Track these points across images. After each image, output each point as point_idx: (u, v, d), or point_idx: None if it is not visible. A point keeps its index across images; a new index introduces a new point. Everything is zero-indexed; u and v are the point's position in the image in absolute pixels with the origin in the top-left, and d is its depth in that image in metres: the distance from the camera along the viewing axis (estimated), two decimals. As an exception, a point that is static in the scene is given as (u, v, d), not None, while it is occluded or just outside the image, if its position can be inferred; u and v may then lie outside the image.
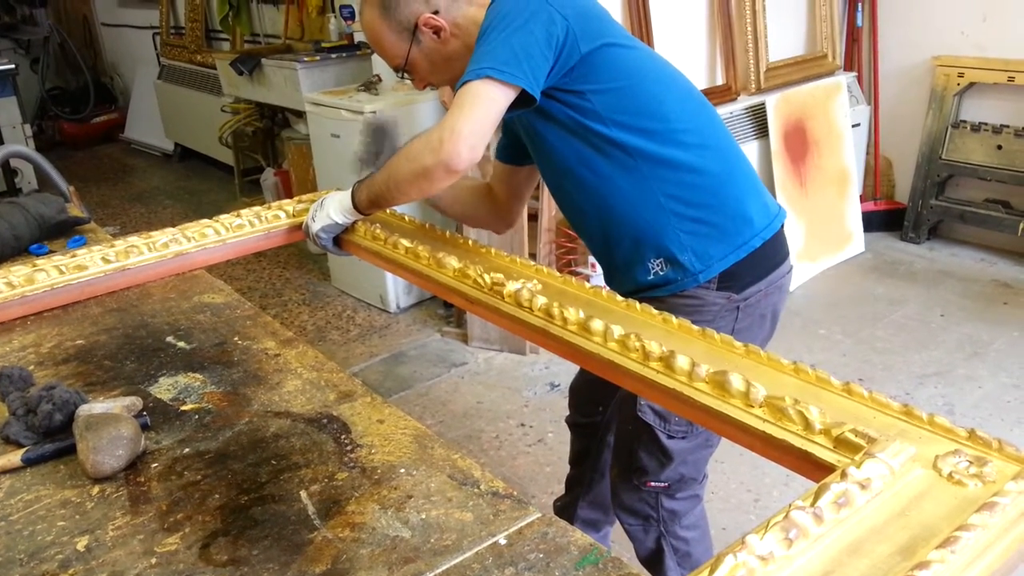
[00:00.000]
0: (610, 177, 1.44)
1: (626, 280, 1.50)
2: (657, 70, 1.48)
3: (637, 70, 1.43)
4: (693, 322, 1.24)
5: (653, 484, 1.63)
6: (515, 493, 0.97)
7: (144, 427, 1.11)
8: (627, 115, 1.41)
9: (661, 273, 1.46)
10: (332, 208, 1.61)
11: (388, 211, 1.73)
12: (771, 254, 1.50)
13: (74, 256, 1.54)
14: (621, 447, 1.67)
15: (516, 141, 1.62)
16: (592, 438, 1.95)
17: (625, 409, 1.59)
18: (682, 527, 1.69)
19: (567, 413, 1.98)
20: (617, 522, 1.96)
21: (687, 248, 1.43)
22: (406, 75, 1.54)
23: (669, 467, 1.60)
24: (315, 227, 1.63)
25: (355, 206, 1.57)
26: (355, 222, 1.63)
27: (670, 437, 1.55)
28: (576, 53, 1.37)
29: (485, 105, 1.31)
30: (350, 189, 1.60)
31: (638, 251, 1.47)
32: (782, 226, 1.53)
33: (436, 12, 1.45)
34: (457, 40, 1.47)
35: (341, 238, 1.67)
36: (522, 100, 1.35)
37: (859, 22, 4.21)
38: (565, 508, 2.07)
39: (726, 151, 1.49)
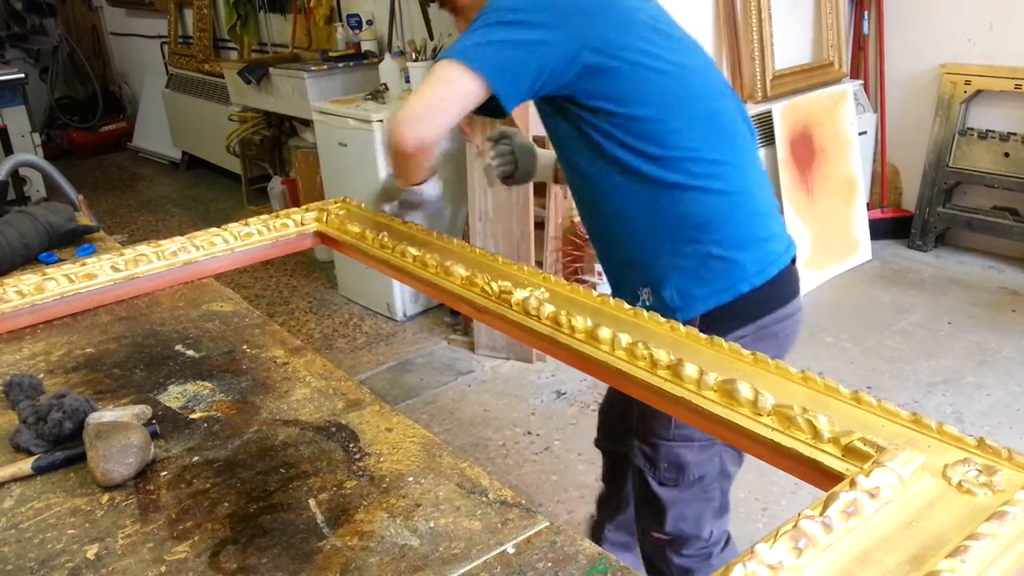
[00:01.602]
0: (604, 191, 1.40)
1: (620, 295, 1.40)
2: (677, 89, 1.37)
3: (651, 90, 1.33)
4: None
5: (656, 535, 1.55)
6: (523, 502, 0.97)
7: (153, 435, 1.12)
8: (631, 136, 1.34)
9: (648, 302, 1.41)
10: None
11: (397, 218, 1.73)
12: (761, 300, 1.41)
13: (84, 264, 1.55)
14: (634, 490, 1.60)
15: None
16: (620, 459, 1.86)
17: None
18: None
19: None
20: None
21: (671, 283, 1.39)
22: (444, 6, 1.52)
23: (665, 519, 1.52)
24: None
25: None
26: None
27: (661, 484, 1.49)
28: (577, 65, 1.28)
29: (439, 87, 1.26)
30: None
31: (630, 274, 1.44)
32: (781, 272, 1.43)
33: None
34: None
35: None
36: (496, 104, 1.28)
37: (865, 30, 4.22)
38: (595, 530, 2.00)
39: (736, 186, 1.40)
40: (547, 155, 1.70)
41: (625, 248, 1.43)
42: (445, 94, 1.26)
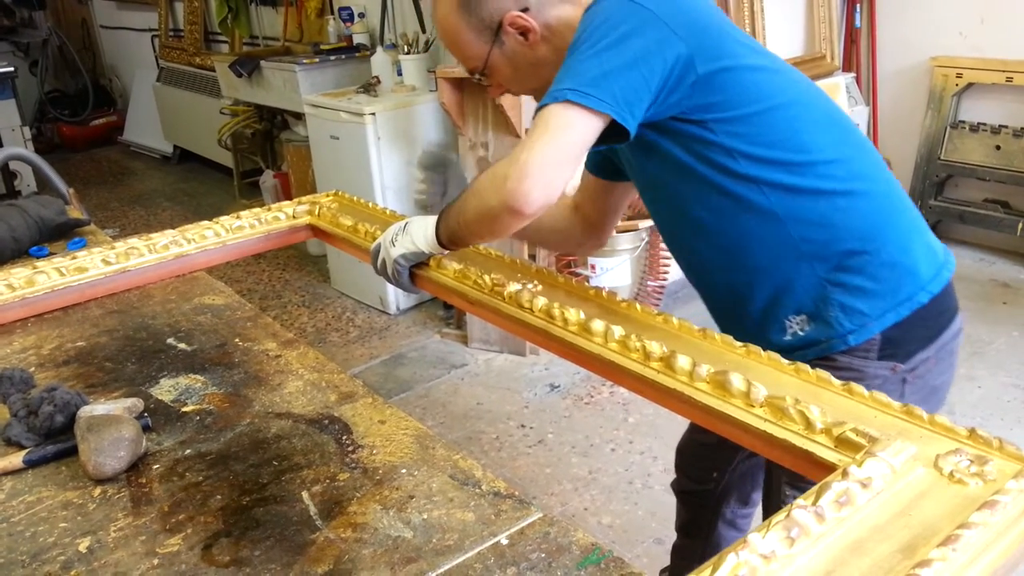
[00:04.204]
0: (737, 220, 1.21)
1: (756, 342, 1.12)
2: (791, 90, 1.23)
3: (767, 93, 1.20)
4: None
5: None
6: (516, 493, 0.97)
7: (145, 428, 1.11)
8: (758, 146, 1.18)
9: (801, 333, 1.23)
10: (417, 234, 1.36)
11: (388, 211, 1.73)
12: (940, 311, 1.23)
13: (74, 258, 1.54)
14: None
15: (614, 154, 1.40)
16: (703, 509, 1.71)
17: (769, 489, 1.42)
18: None
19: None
20: None
21: (833, 303, 1.20)
22: (481, 79, 1.33)
23: None
24: (395, 252, 1.38)
25: (437, 238, 1.34)
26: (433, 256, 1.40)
27: None
28: (691, 76, 1.14)
29: (562, 135, 1.09)
30: (437, 216, 1.35)
31: (772, 307, 1.25)
32: (951, 277, 1.27)
33: (525, 10, 1.24)
34: (548, 44, 1.26)
35: (416, 273, 1.42)
36: (614, 132, 1.13)
37: (857, 23, 4.22)
38: None
39: (881, 186, 1.24)
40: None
41: (764, 284, 1.25)
42: (569, 142, 1.10)
